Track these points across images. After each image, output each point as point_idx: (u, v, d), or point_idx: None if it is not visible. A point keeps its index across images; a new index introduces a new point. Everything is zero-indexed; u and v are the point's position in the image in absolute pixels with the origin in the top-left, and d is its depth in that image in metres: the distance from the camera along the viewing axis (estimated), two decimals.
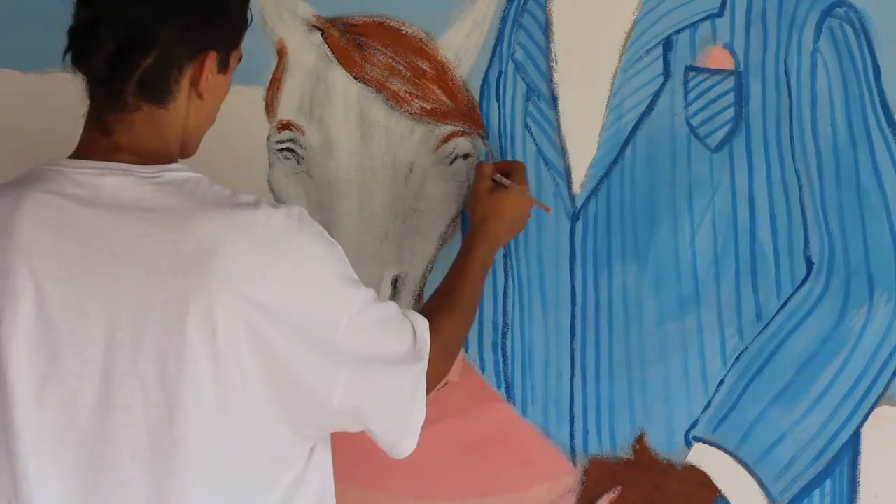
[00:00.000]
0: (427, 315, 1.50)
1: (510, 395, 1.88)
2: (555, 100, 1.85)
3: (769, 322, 1.79)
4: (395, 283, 1.88)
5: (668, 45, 1.81)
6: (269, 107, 1.91)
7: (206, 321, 1.26)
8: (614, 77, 1.82)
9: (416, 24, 1.87)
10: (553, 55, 1.85)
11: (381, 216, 1.89)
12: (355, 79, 1.89)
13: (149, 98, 1.35)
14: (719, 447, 1.80)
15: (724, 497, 1.81)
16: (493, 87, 1.87)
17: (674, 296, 1.82)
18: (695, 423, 1.81)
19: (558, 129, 1.85)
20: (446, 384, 1.87)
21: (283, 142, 1.91)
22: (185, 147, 1.43)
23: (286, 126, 1.91)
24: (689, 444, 1.82)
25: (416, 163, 1.88)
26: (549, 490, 1.86)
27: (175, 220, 1.29)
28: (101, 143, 1.35)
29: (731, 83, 1.79)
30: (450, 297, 1.62)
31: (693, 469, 1.82)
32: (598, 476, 1.85)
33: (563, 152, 1.85)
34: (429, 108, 1.87)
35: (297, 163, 1.91)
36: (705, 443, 1.81)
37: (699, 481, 1.81)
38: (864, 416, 1.76)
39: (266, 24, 1.90)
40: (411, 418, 1.45)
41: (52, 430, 1.28)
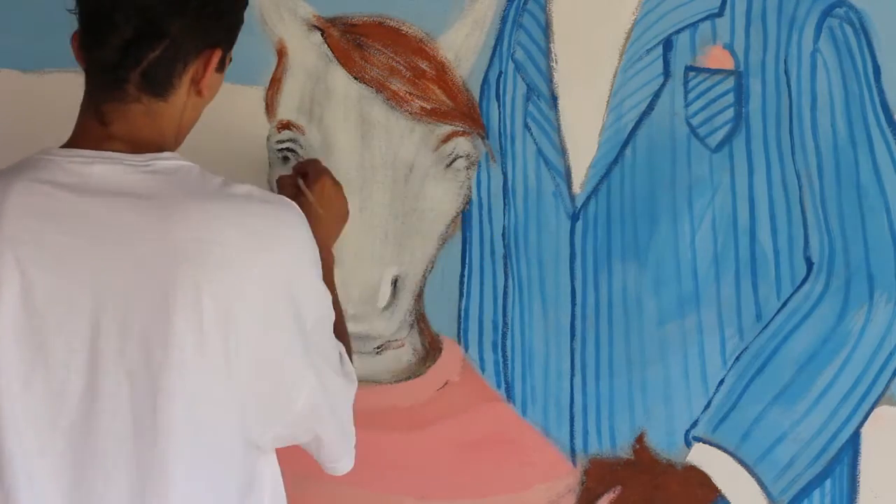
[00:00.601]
0: None
1: (510, 395, 1.87)
2: (555, 100, 1.85)
3: (769, 322, 1.79)
4: (395, 283, 1.88)
5: (668, 45, 1.81)
6: (269, 107, 1.91)
7: (193, 309, 1.26)
8: (614, 77, 1.82)
9: (416, 24, 1.87)
10: (553, 55, 1.85)
11: (381, 216, 1.88)
12: (355, 79, 1.89)
13: (150, 90, 1.35)
14: (719, 447, 1.80)
15: (724, 497, 1.81)
16: (493, 87, 1.87)
17: (674, 296, 1.81)
18: (695, 423, 1.81)
19: (558, 129, 1.85)
20: (446, 384, 1.87)
21: (283, 142, 1.91)
22: (176, 140, 1.43)
23: (286, 126, 1.91)
24: (689, 444, 1.82)
25: (416, 163, 1.88)
26: (549, 490, 1.86)
27: (164, 208, 1.29)
28: (95, 133, 1.35)
29: (731, 83, 1.79)
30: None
31: (693, 469, 1.82)
32: (598, 476, 1.85)
33: (563, 152, 1.85)
34: (429, 108, 1.87)
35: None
36: (705, 443, 1.81)
37: (699, 481, 1.81)
38: (864, 416, 1.77)
39: (266, 24, 1.90)
40: (351, 435, 1.45)
41: (39, 419, 1.27)
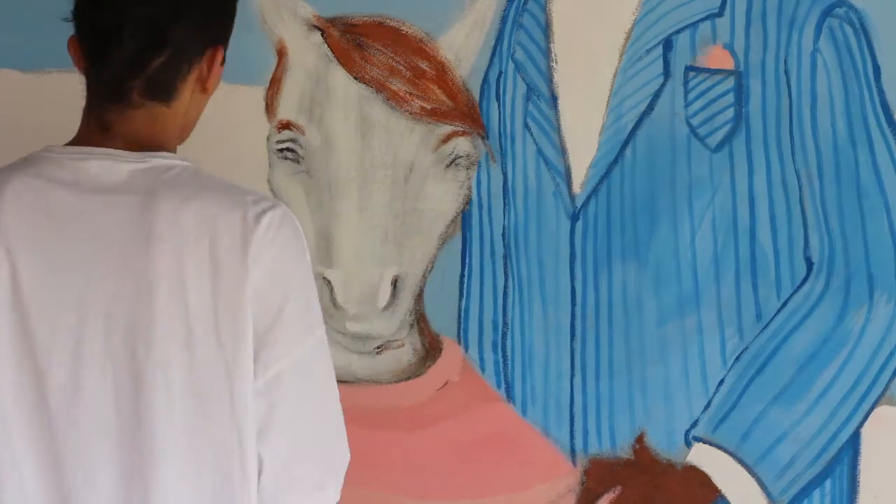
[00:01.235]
0: None
1: (510, 395, 1.87)
2: (555, 100, 1.85)
3: (769, 322, 1.79)
4: (395, 283, 1.88)
5: (668, 45, 1.81)
6: (269, 107, 1.91)
7: (177, 304, 1.26)
8: (614, 77, 1.82)
9: (416, 24, 1.87)
10: (553, 55, 1.85)
11: (381, 216, 1.88)
12: (355, 79, 1.89)
13: (154, 96, 1.35)
14: (719, 447, 1.80)
15: (724, 497, 1.81)
16: (493, 87, 1.87)
17: (674, 296, 1.81)
18: (695, 423, 1.81)
19: (558, 129, 1.85)
20: (447, 384, 1.87)
21: (283, 142, 1.91)
22: (180, 137, 1.44)
23: (286, 126, 1.91)
24: (689, 444, 1.82)
25: (416, 163, 1.88)
26: (549, 490, 1.86)
27: (154, 205, 1.29)
28: (97, 135, 1.35)
29: (731, 83, 1.79)
30: None
31: (693, 469, 1.82)
32: (598, 476, 1.85)
33: (563, 152, 1.85)
34: (429, 107, 1.87)
35: (297, 163, 1.91)
36: (705, 443, 1.81)
37: (699, 481, 1.81)
38: (864, 416, 1.77)
39: (266, 24, 1.90)
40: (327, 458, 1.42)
41: (26, 406, 1.28)
